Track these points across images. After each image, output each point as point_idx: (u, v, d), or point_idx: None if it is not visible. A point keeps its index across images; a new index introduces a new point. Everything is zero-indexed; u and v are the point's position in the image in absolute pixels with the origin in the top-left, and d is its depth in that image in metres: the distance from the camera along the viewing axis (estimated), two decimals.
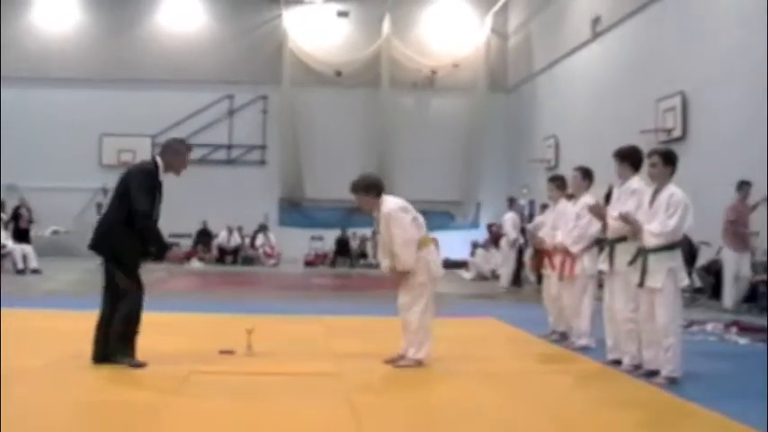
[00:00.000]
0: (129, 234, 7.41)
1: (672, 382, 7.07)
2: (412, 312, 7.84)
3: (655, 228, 7.17)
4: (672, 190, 7.27)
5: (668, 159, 7.42)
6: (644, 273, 7.27)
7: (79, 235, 27.61)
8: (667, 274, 7.16)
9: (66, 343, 8.32)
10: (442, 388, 7.00)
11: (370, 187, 8.07)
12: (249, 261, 27.52)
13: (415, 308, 7.89)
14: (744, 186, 14.30)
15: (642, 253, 7.33)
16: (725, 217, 14.15)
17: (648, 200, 7.44)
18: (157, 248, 7.66)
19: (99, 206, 25.25)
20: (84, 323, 8.89)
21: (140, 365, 7.31)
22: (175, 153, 7.74)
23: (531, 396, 6.81)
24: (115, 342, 7.33)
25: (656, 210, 7.28)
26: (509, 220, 18.98)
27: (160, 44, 29.92)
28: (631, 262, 7.49)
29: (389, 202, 7.96)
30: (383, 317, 12.10)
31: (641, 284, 7.32)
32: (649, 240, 7.22)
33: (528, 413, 6.15)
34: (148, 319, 7.61)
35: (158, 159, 7.66)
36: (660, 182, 7.39)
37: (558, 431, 5.70)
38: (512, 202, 20.07)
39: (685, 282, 7.44)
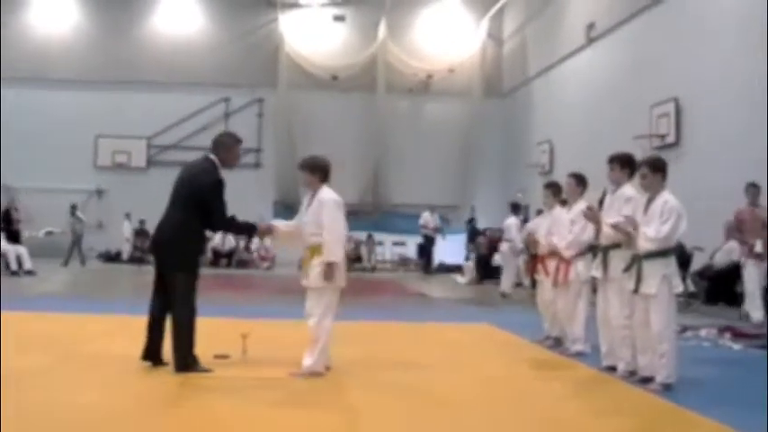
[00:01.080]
0: (193, 239, 7.40)
1: (667, 389, 7.08)
2: (311, 319, 7.68)
3: (650, 232, 7.19)
4: (666, 197, 7.30)
5: (656, 168, 7.45)
6: (638, 279, 7.30)
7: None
8: (662, 281, 7.18)
9: (63, 345, 8.29)
10: (436, 393, 6.99)
11: (316, 168, 7.93)
12: (244, 264, 27.49)
13: (314, 316, 7.71)
14: (750, 189, 13.80)
15: (636, 260, 7.35)
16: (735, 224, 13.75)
17: (642, 208, 7.46)
18: (249, 235, 7.83)
19: (74, 207, 25.13)
20: (81, 325, 8.91)
21: (209, 370, 7.41)
22: (228, 148, 7.78)
23: (524, 402, 6.82)
24: (187, 352, 7.37)
25: (651, 217, 7.31)
26: (514, 226, 18.89)
27: (157, 46, 29.94)
28: (626, 269, 7.52)
29: (330, 193, 7.83)
30: (378, 321, 12.15)
31: (636, 291, 7.34)
32: (643, 245, 7.24)
33: (522, 419, 6.16)
34: (143, 323, 7.60)
35: (213, 157, 7.63)
36: (653, 190, 7.42)
37: None
38: (515, 208, 19.97)
39: (680, 288, 7.46)
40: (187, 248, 7.43)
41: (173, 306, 7.42)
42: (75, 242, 25.32)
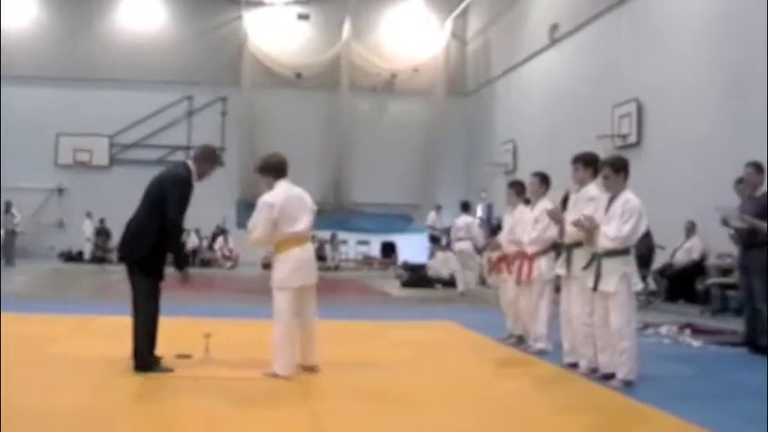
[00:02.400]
0: (156, 241, 7.35)
1: (627, 385, 7.15)
2: (274, 320, 7.65)
3: (611, 231, 7.25)
4: (627, 196, 7.37)
5: (618, 168, 7.51)
6: (598, 277, 7.36)
7: (35, 236, 27.42)
8: (621, 279, 7.25)
9: (26, 346, 8.20)
10: (398, 392, 7.00)
11: (267, 169, 7.89)
12: (207, 264, 27.36)
13: (275, 316, 7.65)
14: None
15: (596, 257, 7.42)
16: None
17: (604, 207, 7.52)
18: (175, 258, 7.62)
19: (8, 205, 24.47)
20: (43, 326, 8.83)
21: (170, 370, 7.39)
22: (208, 161, 7.74)
23: (486, 399, 6.85)
24: (148, 353, 7.36)
25: (611, 216, 7.37)
26: (474, 225, 18.90)
27: (119, 43, 29.68)
28: (586, 267, 7.59)
29: (270, 193, 7.78)
30: (340, 320, 12.13)
31: (595, 288, 7.40)
32: (603, 244, 7.30)
33: (484, 416, 6.19)
34: (103, 323, 7.56)
35: (190, 164, 7.60)
36: (615, 190, 7.48)
37: (510, 431, 5.76)
38: (465, 207, 19.64)
39: (639, 286, 7.54)
40: (150, 249, 7.38)
41: (135, 306, 7.39)
42: (8, 240, 24.76)
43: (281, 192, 7.83)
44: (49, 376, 7.07)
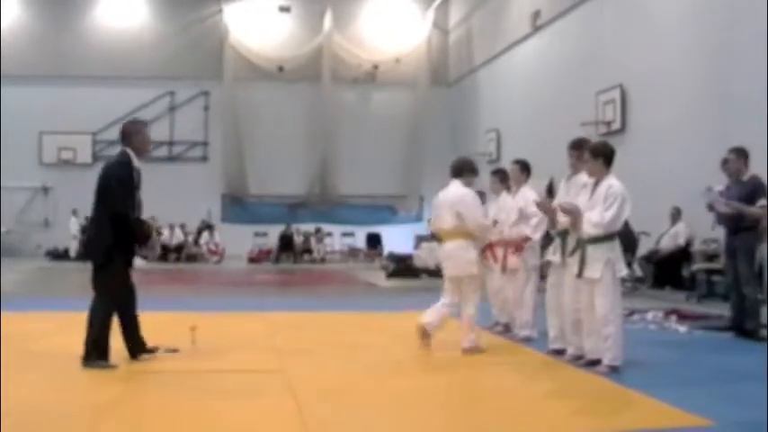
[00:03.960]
0: (108, 235, 7.30)
1: (613, 371, 7.17)
2: None
3: (594, 217, 7.25)
4: (610, 182, 7.37)
5: (596, 153, 7.52)
6: (582, 263, 7.37)
7: (20, 234, 27.32)
8: (605, 265, 7.26)
9: (12, 343, 8.15)
10: (385, 381, 7.01)
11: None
12: (193, 258, 27.29)
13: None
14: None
15: (581, 244, 7.42)
16: None
17: (589, 192, 7.53)
18: (138, 241, 7.65)
19: None
20: (30, 323, 8.78)
21: (113, 367, 7.28)
22: (136, 134, 7.68)
23: (472, 386, 6.87)
24: (92, 348, 7.26)
25: (595, 201, 7.38)
26: None
27: (100, 40, 29.52)
28: (571, 253, 7.60)
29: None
30: (327, 312, 12.15)
31: (580, 275, 7.41)
32: (587, 230, 7.30)
33: (469, 403, 6.19)
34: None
35: (125, 149, 7.58)
36: (596, 175, 7.49)
37: (499, 420, 5.74)
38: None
39: (624, 272, 7.55)
40: (104, 244, 7.33)
41: (94, 301, 7.38)
42: None
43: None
44: (31, 373, 7.02)
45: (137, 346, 7.63)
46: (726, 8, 15.09)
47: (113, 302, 7.44)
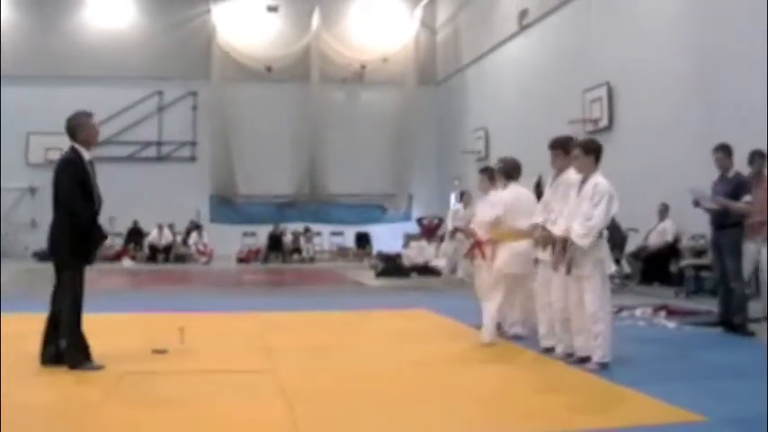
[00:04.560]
0: (64, 234, 7.25)
1: (603, 368, 7.19)
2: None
3: (579, 229, 7.25)
4: (597, 179, 7.40)
5: (588, 149, 7.55)
6: (571, 261, 7.39)
7: (8, 236, 27.21)
8: (594, 262, 7.28)
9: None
10: (373, 378, 7.01)
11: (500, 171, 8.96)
12: (181, 259, 27.22)
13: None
14: (757, 158, 11.10)
15: (570, 242, 7.44)
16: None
17: (577, 189, 7.56)
18: (94, 241, 7.48)
19: None
20: (17, 324, 8.75)
21: (100, 367, 7.23)
22: (82, 127, 7.57)
23: (462, 384, 6.86)
24: (72, 351, 7.20)
25: (582, 198, 7.40)
26: (451, 212, 19.07)
27: (88, 40, 29.40)
28: (560, 251, 7.62)
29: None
30: (316, 311, 12.15)
31: (569, 272, 7.43)
32: (577, 242, 7.28)
33: (460, 401, 6.19)
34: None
35: (74, 144, 7.49)
36: (585, 172, 7.51)
37: (488, 417, 5.75)
38: (461, 196, 20.03)
39: (612, 269, 7.57)
40: (61, 244, 7.28)
41: (54, 302, 7.33)
42: None
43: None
44: (20, 375, 7.00)
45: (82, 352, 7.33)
46: (712, 7, 15.12)
47: (77, 301, 7.33)
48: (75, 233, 7.23)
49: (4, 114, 27.43)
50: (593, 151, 7.53)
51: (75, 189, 7.26)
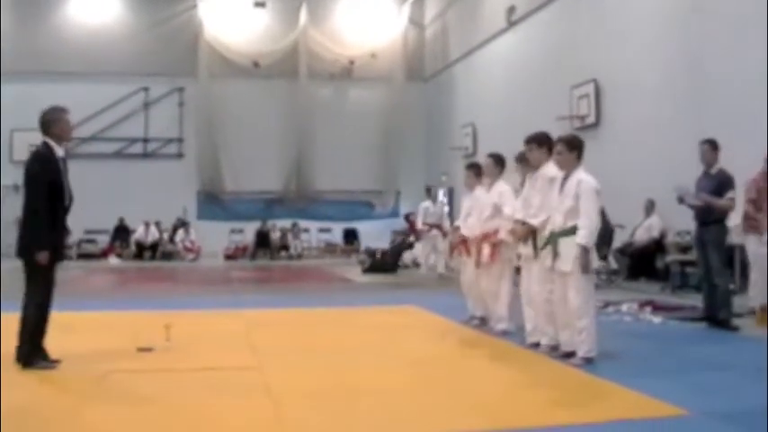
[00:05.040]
0: (33, 231, 7.19)
1: (588, 362, 7.21)
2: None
3: (582, 236, 7.23)
4: (580, 176, 7.41)
5: (572, 146, 7.57)
6: (554, 256, 7.42)
7: None
8: (577, 257, 7.29)
9: None
10: (361, 375, 7.02)
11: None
12: (168, 256, 27.17)
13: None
14: None
15: (553, 237, 7.47)
16: (745, 196, 10.77)
17: (559, 186, 7.58)
18: (53, 243, 7.26)
19: None
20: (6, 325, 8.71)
21: (54, 364, 7.18)
22: (55, 122, 7.49)
23: (448, 380, 6.87)
24: (26, 346, 7.14)
25: (565, 195, 7.42)
26: (421, 210, 19.14)
27: (72, 35, 29.22)
28: (543, 246, 7.65)
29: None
30: (303, 308, 12.15)
31: (552, 268, 7.46)
32: (581, 241, 7.27)
33: (445, 396, 6.20)
34: (64, 318, 7.48)
35: (46, 139, 7.42)
36: (568, 168, 7.53)
37: (474, 413, 5.75)
38: (428, 192, 20.11)
39: (596, 264, 7.58)
40: (30, 241, 7.22)
41: (25, 300, 7.24)
42: None
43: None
44: (8, 374, 6.97)
45: (35, 351, 7.24)
46: (699, 4, 15.16)
47: (43, 300, 7.27)
48: (45, 230, 7.14)
49: None
50: (576, 147, 7.56)
51: (40, 188, 7.16)
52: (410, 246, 22.37)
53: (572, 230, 7.31)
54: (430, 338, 9.22)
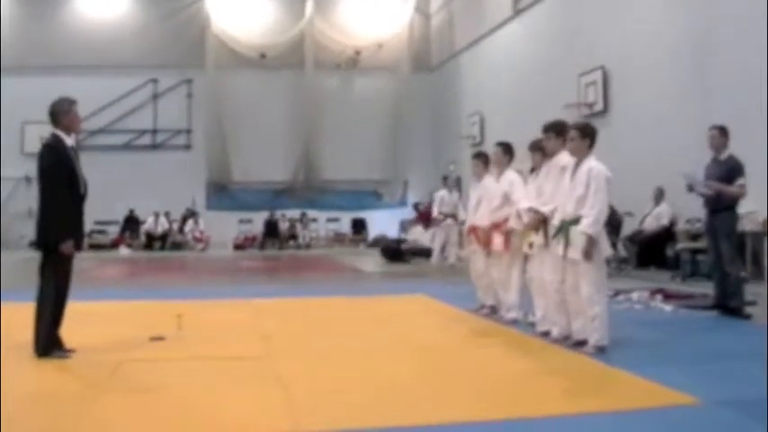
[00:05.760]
0: (50, 222, 7.24)
1: (600, 351, 7.21)
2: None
3: (586, 227, 7.22)
4: (591, 164, 7.39)
5: (585, 133, 7.54)
6: (566, 245, 7.41)
7: (4, 225, 27.20)
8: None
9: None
10: (371, 364, 7.02)
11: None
12: (178, 246, 27.25)
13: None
14: None
15: (564, 226, 7.46)
16: None
17: (570, 174, 7.56)
18: (55, 238, 7.22)
19: None
20: (12, 314, 8.75)
21: (69, 353, 7.22)
22: (64, 114, 7.53)
23: (459, 369, 6.87)
24: (44, 335, 7.18)
25: (577, 183, 7.40)
26: (437, 198, 19.03)
27: (82, 29, 29.30)
28: (554, 235, 7.64)
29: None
30: (313, 298, 12.16)
31: (564, 256, 7.45)
32: (585, 230, 7.26)
33: (455, 385, 6.20)
34: (77, 308, 7.49)
35: (55, 130, 7.47)
36: (579, 156, 7.51)
37: (487, 402, 5.76)
38: (445, 180, 20.03)
39: (608, 252, 7.57)
40: (48, 231, 7.27)
41: (40, 288, 7.27)
42: None
43: None
44: (17, 364, 7.00)
45: (52, 341, 7.28)
46: None
47: (60, 290, 7.32)
48: (66, 219, 7.21)
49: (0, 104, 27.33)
50: (589, 135, 7.53)
51: (56, 174, 7.22)
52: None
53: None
54: (440, 327, 9.22)
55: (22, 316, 7.51)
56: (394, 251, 20.96)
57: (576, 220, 7.34)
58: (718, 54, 14.64)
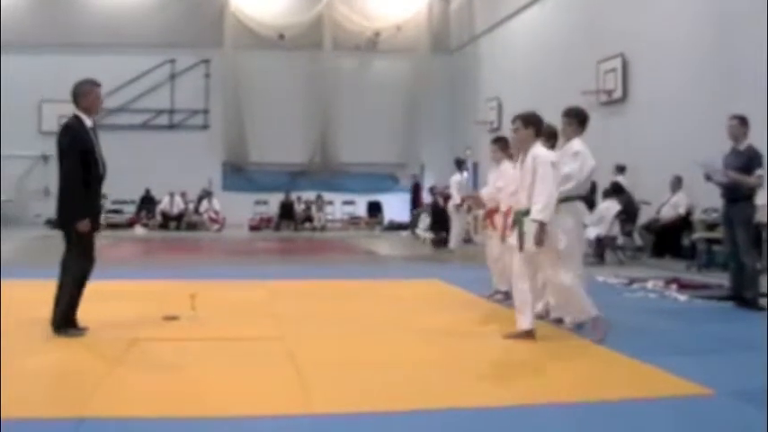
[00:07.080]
0: (69, 202, 7.29)
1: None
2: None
3: (535, 210, 7.24)
4: (535, 152, 7.45)
5: (528, 122, 7.61)
6: (521, 237, 7.43)
7: (20, 203, 27.31)
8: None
9: (10, 312, 8.15)
10: (384, 347, 7.04)
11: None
12: (193, 226, 27.30)
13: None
14: None
15: (517, 216, 7.58)
16: None
17: (519, 165, 7.79)
18: (71, 217, 7.35)
19: None
20: (31, 291, 8.80)
21: (82, 331, 7.27)
22: (85, 95, 7.58)
23: (471, 353, 6.87)
24: (61, 312, 7.23)
25: (524, 173, 7.53)
26: (454, 183, 18.90)
27: (100, 8, 29.24)
28: (511, 227, 7.72)
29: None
30: (327, 280, 12.17)
31: (521, 249, 7.45)
32: (536, 216, 7.28)
33: (469, 371, 6.20)
34: (91, 287, 7.52)
35: (76, 111, 7.52)
36: (525, 145, 7.62)
37: (495, 386, 5.79)
38: (458, 164, 19.88)
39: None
40: (66, 207, 7.33)
41: (63, 266, 7.37)
42: None
43: None
44: (33, 340, 7.04)
45: (68, 318, 7.34)
46: None
47: (84, 268, 7.38)
48: (83, 199, 7.26)
49: (17, 83, 27.41)
50: (533, 124, 7.58)
51: (75, 155, 7.27)
52: None
53: (527, 211, 7.40)
54: (453, 312, 9.20)
55: (36, 293, 7.54)
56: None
57: (527, 211, 7.32)
58: (739, 43, 14.52)
